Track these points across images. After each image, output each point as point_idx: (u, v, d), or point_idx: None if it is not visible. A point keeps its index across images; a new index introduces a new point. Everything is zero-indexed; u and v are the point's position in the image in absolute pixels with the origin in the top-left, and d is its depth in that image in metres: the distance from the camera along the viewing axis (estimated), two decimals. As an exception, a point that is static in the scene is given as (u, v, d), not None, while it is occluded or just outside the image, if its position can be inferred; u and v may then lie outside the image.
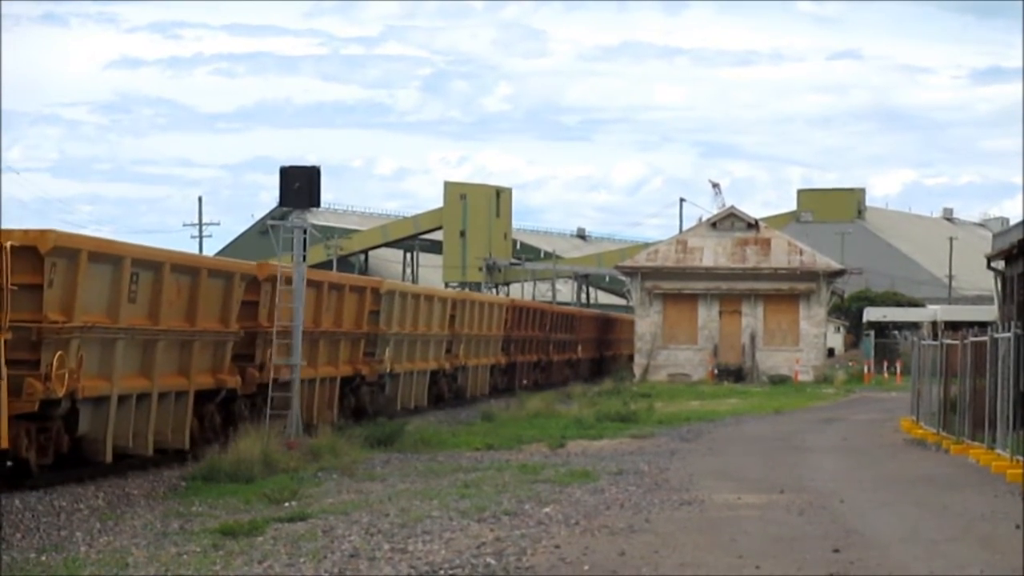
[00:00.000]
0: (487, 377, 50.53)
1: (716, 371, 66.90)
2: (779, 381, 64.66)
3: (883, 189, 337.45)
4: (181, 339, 25.04)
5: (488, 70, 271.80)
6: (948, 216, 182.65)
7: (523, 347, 57.16)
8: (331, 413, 32.46)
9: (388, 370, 36.50)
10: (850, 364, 78.43)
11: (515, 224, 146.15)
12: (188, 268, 25.35)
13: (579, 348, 70.20)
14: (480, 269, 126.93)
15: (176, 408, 25.05)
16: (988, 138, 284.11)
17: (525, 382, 56.57)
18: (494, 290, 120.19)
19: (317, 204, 29.48)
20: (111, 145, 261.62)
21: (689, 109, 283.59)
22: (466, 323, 46.57)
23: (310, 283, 29.89)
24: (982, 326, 31.05)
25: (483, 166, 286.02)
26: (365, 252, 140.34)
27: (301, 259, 28.95)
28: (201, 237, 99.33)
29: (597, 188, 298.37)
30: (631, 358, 78.34)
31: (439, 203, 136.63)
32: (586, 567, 14.38)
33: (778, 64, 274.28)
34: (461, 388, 47.03)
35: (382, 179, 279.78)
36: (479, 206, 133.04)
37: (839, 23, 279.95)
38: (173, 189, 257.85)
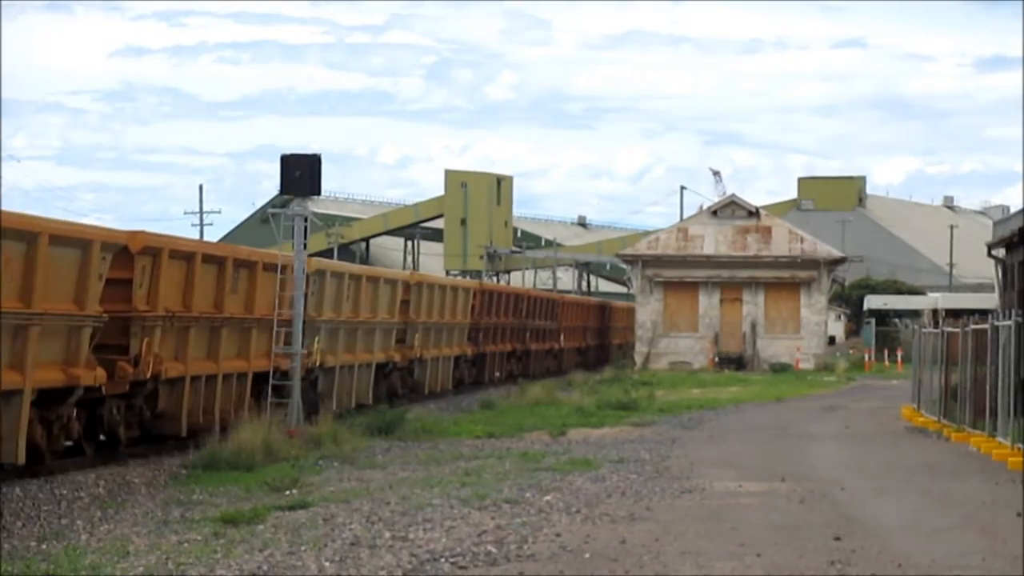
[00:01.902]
0: (450, 370, 45.08)
1: (717, 359, 66.89)
2: (780, 369, 64.65)
3: (886, 177, 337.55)
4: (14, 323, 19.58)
5: (492, 58, 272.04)
6: (949, 204, 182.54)
7: (494, 336, 51.91)
8: (242, 413, 26.90)
9: (319, 364, 31.10)
10: (851, 352, 78.46)
11: (517, 212, 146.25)
12: (21, 233, 19.64)
13: (562, 336, 65.23)
14: (481, 257, 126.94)
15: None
16: (991, 126, 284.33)
17: (498, 374, 52.34)
18: (495, 278, 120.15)
19: (318, 192, 29.45)
20: (115, 133, 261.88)
21: (693, 97, 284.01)
22: (422, 309, 41.14)
23: (209, 259, 26.06)
24: (983, 314, 31.03)
25: (486, 154, 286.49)
26: (366, 240, 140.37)
27: (302, 247, 28.93)
28: (202, 225, 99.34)
29: (600, 176, 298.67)
30: (620, 347, 78.14)
31: (442, 191, 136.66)
32: (587, 555, 14.37)
33: (782, 52, 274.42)
34: (418, 383, 41.51)
35: (385, 167, 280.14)
36: (480, 194, 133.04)
37: (843, 11, 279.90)
38: (176, 177, 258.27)
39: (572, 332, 68.17)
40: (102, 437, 23.74)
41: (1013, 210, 58.81)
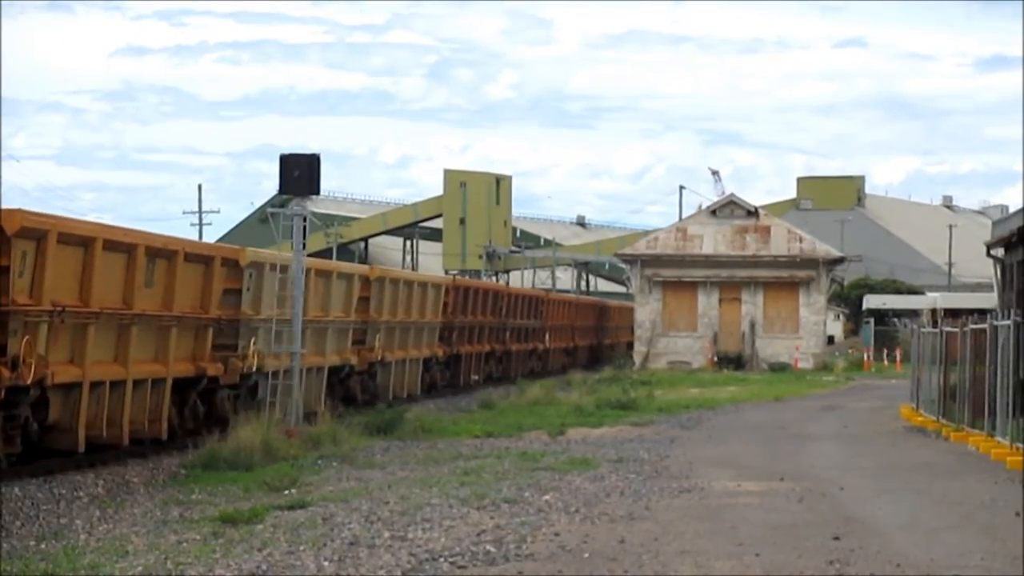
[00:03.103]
0: (418, 374, 41.37)
1: (716, 359, 66.89)
2: (779, 369, 64.68)
3: (886, 177, 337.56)
4: None
5: (493, 58, 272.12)
6: (948, 204, 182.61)
7: (470, 335, 48.49)
8: (159, 426, 24.32)
9: (254, 368, 27.79)
10: (850, 351, 78.44)
11: (516, 212, 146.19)
12: None
13: (547, 336, 62.14)
14: (480, 257, 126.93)
15: None
16: (991, 126, 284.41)
17: (475, 377, 49.07)
18: (494, 277, 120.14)
19: (317, 192, 29.46)
20: (115, 133, 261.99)
21: (693, 97, 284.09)
22: (385, 307, 37.40)
23: (113, 246, 22.44)
24: (982, 313, 31.03)
25: (486, 154, 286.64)
26: (365, 240, 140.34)
27: (301, 247, 28.95)
28: (201, 224, 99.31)
29: (600, 176, 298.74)
30: (612, 347, 77.81)
31: (441, 191, 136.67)
32: (586, 555, 14.37)
33: (783, 52, 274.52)
34: (380, 388, 37.74)
35: (385, 167, 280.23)
36: (479, 194, 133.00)
37: (844, 11, 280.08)
38: (176, 177, 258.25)
39: (559, 331, 65.48)
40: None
41: (1012, 210, 58.82)
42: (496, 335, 52.60)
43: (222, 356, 26.88)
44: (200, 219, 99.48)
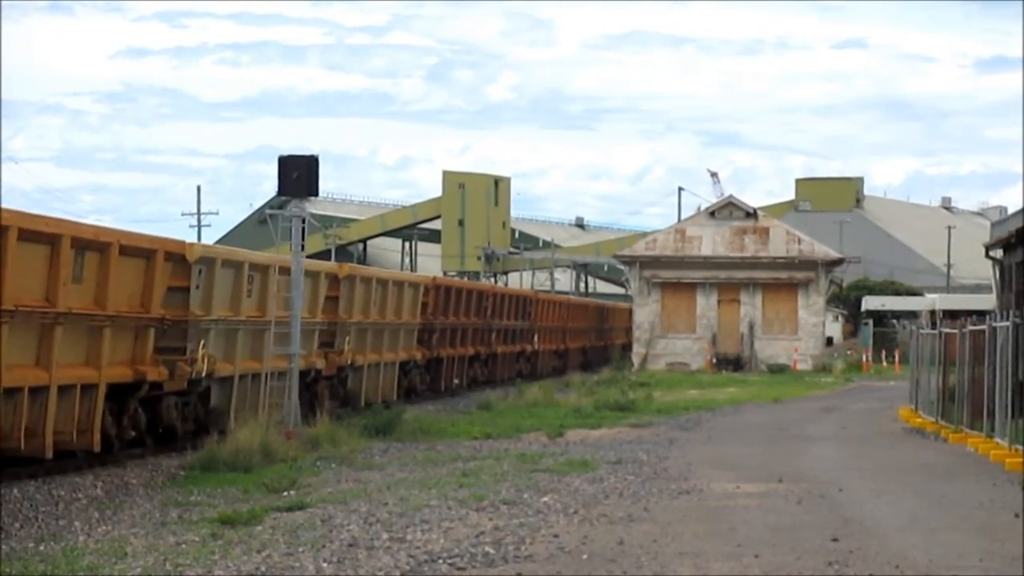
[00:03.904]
0: (394, 378, 38.55)
1: (715, 360, 66.90)
2: (778, 370, 64.70)
3: (885, 178, 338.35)
4: None
5: (493, 59, 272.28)
6: (946, 205, 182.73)
7: (452, 338, 45.74)
8: (90, 437, 21.91)
9: (204, 373, 25.51)
10: (849, 353, 78.49)
11: (515, 213, 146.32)
12: None
13: (536, 338, 59.47)
14: (479, 258, 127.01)
15: None
16: (991, 127, 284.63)
17: (456, 381, 46.52)
18: (492, 279, 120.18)
19: (315, 193, 29.44)
20: (115, 134, 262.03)
21: (693, 98, 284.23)
22: (356, 307, 34.73)
23: (32, 236, 20.03)
24: (980, 315, 31.05)
25: (486, 155, 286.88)
26: (364, 241, 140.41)
27: (299, 248, 28.93)
28: (200, 226, 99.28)
29: (599, 177, 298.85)
30: (605, 349, 77.40)
31: (440, 192, 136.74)
32: (585, 556, 14.37)
33: (783, 53, 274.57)
34: (351, 393, 35.01)
35: (385, 168, 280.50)
36: (477, 195, 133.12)
37: (844, 12, 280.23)
38: (176, 178, 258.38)
39: (549, 333, 63.19)
40: None
41: (1010, 211, 58.83)
42: (481, 337, 50.18)
43: (167, 360, 24.38)
44: (199, 220, 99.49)
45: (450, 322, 45.08)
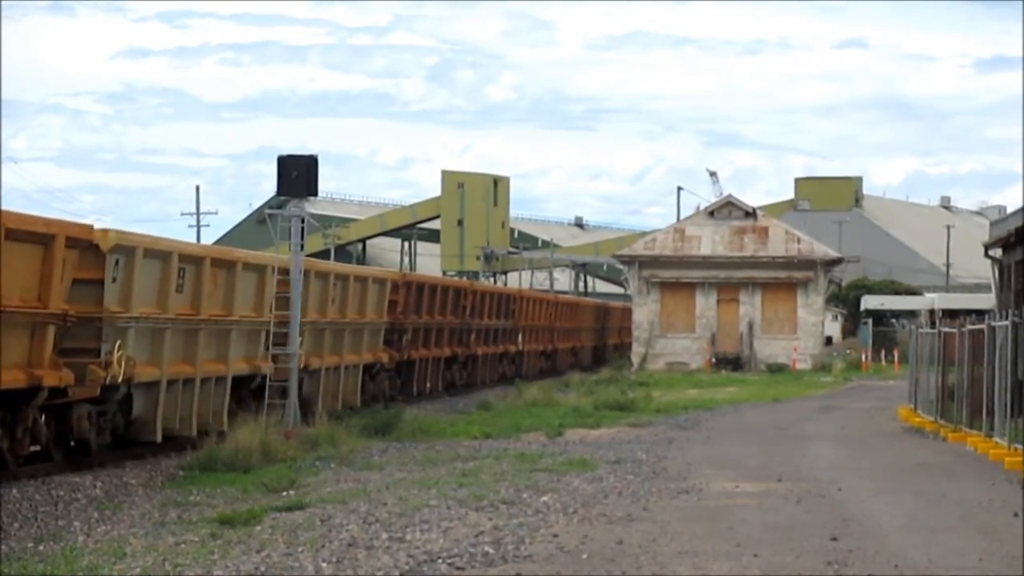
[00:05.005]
0: (356, 383, 35.54)
1: (714, 359, 66.90)
2: (777, 369, 64.70)
3: (885, 178, 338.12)
4: None
5: (494, 59, 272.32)
6: (945, 204, 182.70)
7: (425, 339, 42.67)
8: None
9: (120, 378, 22.56)
10: (848, 352, 78.46)
11: (515, 213, 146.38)
12: None
13: (520, 338, 56.80)
14: (478, 258, 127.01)
15: None
16: (992, 127, 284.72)
17: (429, 385, 43.38)
18: (492, 279, 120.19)
19: (315, 193, 29.46)
20: (115, 135, 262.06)
21: (694, 98, 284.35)
22: (309, 305, 31.58)
23: None
24: (979, 314, 31.05)
25: (486, 155, 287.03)
26: (363, 241, 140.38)
27: (298, 248, 28.94)
28: (199, 226, 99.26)
29: (599, 177, 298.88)
30: (597, 349, 77.09)
31: (439, 192, 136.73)
32: (584, 555, 14.37)
33: (784, 53, 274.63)
34: (307, 399, 31.50)
35: (385, 168, 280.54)
36: (477, 195, 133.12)
37: (845, 12, 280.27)
38: (177, 179, 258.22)
39: (535, 333, 60.50)
40: None
41: (1009, 210, 58.85)
42: (459, 338, 47.11)
43: (75, 363, 21.30)
44: (198, 220, 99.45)
45: (423, 321, 42.13)
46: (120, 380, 22.48)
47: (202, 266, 25.82)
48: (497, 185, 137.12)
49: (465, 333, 47.81)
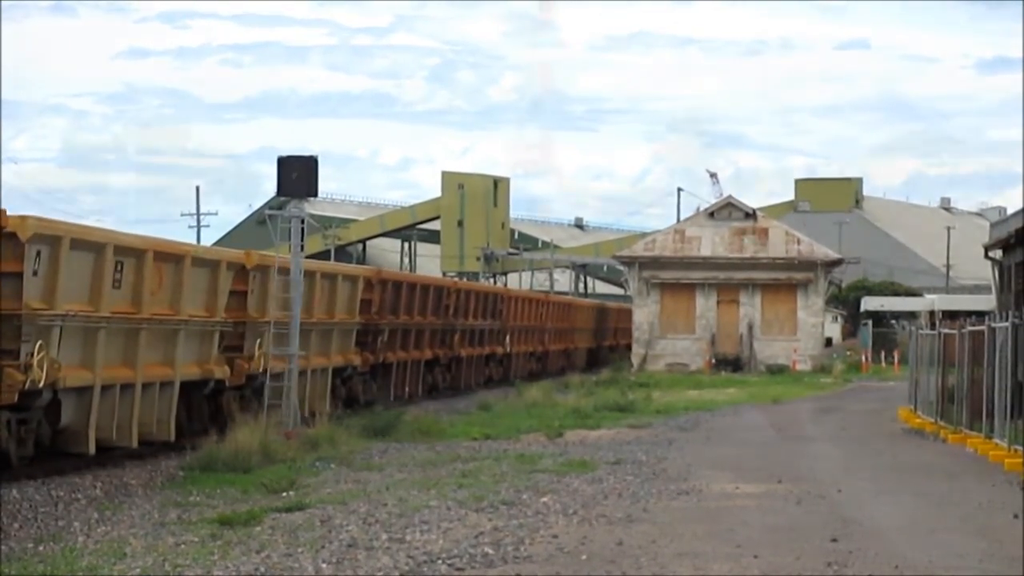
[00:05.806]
0: (324, 387, 32.94)
1: (714, 361, 66.87)
2: (777, 371, 64.69)
3: (886, 179, 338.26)
4: None
5: (495, 60, 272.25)
6: (945, 205, 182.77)
7: (404, 340, 40.11)
8: None
9: (43, 382, 20.27)
10: (848, 353, 78.46)
11: (515, 213, 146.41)
12: None
13: (508, 339, 54.55)
14: (478, 259, 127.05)
15: None
16: (993, 128, 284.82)
17: (408, 389, 40.85)
18: (492, 280, 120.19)
19: (315, 194, 29.42)
20: (116, 135, 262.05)
21: (695, 99, 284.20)
22: (271, 303, 28.88)
23: None
24: (980, 315, 31.05)
25: (487, 156, 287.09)
26: (363, 242, 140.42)
27: (298, 248, 28.92)
28: (199, 227, 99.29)
29: (600, 178, 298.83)
30: (591, 351, 76.69)
31: (440, 193, 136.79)
32: (584, 557, 14.37)
33: (786, 54, 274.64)
34: (269, 405, 28.37)
35: (386, 169, 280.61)
36: (476, 196, 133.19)
37: (847, 13, 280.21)
38: (178, 179, 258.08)
39: (524, 334, 58.10)
40: None
41: (1010, 211, 58.84)
42: (441, 339, 44.85)
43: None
44: (198, 220, 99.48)
45: (400, 322, 39.48)
46: (42, 385, 20.10)
47: (143, 260, 23.27)
48: (497, 186, 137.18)
49: (448, 334, 45.62)
